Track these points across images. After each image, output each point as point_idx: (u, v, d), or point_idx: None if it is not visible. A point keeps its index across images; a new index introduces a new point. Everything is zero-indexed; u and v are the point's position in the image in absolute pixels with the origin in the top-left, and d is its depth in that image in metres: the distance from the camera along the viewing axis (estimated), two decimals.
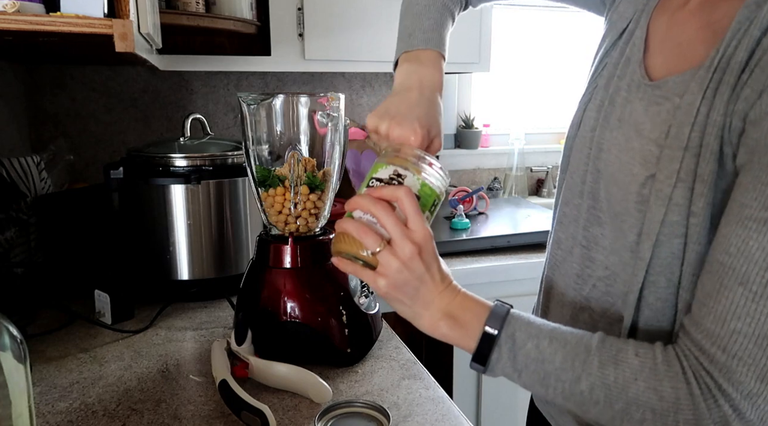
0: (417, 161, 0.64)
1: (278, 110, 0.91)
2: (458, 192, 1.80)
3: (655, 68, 0.65)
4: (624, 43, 0.70)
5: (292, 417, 0.77)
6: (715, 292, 0.52)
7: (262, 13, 1.55)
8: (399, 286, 0.60)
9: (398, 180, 0.62)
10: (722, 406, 0.51)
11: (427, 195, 0.63)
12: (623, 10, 0.72)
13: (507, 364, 0.58)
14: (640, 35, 0.67)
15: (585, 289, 0.69)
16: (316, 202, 0.93)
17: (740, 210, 0.52)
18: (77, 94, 1.70)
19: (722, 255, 0.52)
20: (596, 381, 0.55)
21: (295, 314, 0.89)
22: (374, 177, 0.64)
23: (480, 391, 1.53)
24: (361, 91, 1.99)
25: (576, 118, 0.74)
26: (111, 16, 0.76)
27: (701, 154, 0.56)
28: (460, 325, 0.61)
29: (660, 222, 0.58)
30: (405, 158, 0.64)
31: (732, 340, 0.50)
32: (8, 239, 1.13)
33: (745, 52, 0.53)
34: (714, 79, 0.55)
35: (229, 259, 1.18)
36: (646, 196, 0.60)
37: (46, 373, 0.88)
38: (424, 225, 0.60)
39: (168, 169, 1.12)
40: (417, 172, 0.63)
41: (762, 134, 0.51)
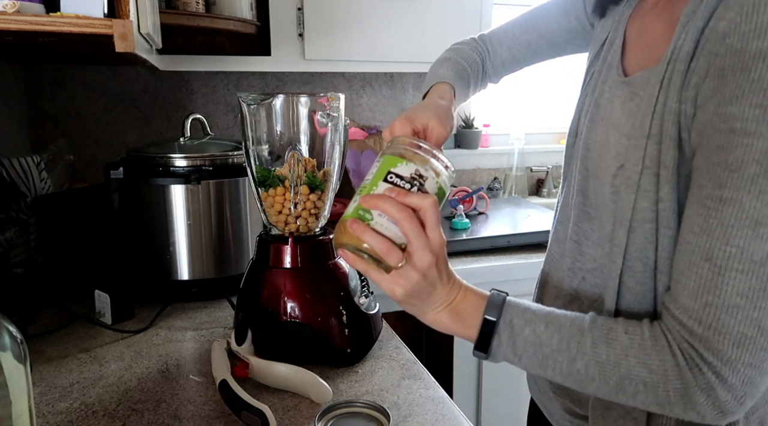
0: (437, 162, 0.62)
1: (278, 110, 0.91)
2: (458, 192, 1.80)
3: (630, 67, 0.69)
4: (605, 52, 0.74)
5: (292, 417, 0.77)
6: (686, 269, 0.56)
7: (262, 13, 1.55)
8: (415, 293, 0.61)
9: (420, 181, 0.60)
10: (706, 373, 0.54)
11: (441, 198, 0.62)
12: (603, 24, 0.78)
13: (507, 349, 0.61)
14: (618, 41, 0.72)
15: (575, 281, 0.73)
16: (316, 202, 0.93)
17: (699, 191, 0.55)
18: (77, 94, 1.70)
19: (688, 234, 0.56)
20: (590, 360, 0.58)
21: (295, 314, 0.89)
22: (393, 172, 0.60)
23: (480, 391, 1.53)
24: (361, 91, 1.99)
25: (572, 126, 0.78)
26: (111, 16, 0.76)
27: (662, 141, 0.59)
28: (461, 318, 0.63)
29: (631, 209, 0.61)
30: (426, 158, 0.61)
31: (705, 312, 0.54)
32: (8, 239, 1.13)
33: (691, 41, 0.57)
34: (668, 69, 0.59)
35: (229, 259, 1.18)
36: (618, 186, 0.64)
37: (46, 373, 0.88)
38: (442, 234, 0.60)
39: (168, 169, 1.12)
40: (436, 175, 0.61)
41: (708, 116, 0.55)
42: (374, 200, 0.59)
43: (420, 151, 0.61)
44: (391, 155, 0.62)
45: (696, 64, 0.56)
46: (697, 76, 0.56)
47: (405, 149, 0.62)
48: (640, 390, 0.57)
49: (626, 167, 0.62)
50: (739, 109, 0.52)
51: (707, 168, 0.54)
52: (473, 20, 1.72)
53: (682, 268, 0.56)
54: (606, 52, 0.74)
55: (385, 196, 0.59)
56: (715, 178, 0.53)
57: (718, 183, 0.53)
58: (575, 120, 0.78)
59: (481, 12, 1.73)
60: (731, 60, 0.53)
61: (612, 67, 0.71)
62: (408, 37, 1.67)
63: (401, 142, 0.63)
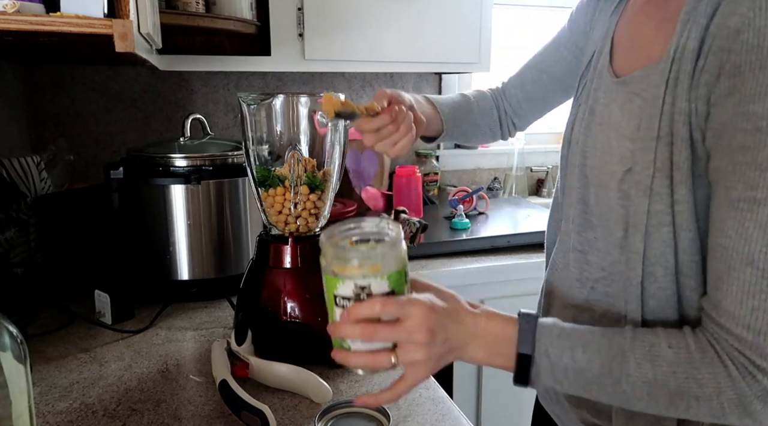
0: (368, 256, 0.56)
1: (278, 110, 0.91)
2: (458, 192, 1.80)
3: (621, 69, 0.68)
4: (595, 61, 0.74)
5: (292, 417, 0.77)
6: (726, 275, 0.54)
7: (262, 13, 1.55)
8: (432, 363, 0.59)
9: (364, 291, 0.56)
10: (761, 381, 0.52)
11: (398, 279, 0.58)
12: (593, 37, 0.78)
13: (547, 378, 0.59)
14: (606, 47, 0.72)
15: (584, 291, 0.71)
16: (316, 202, 0.93)
17: (727, 193, 0.54)
18: (77, 94, 1.70)
19: (723, 239, 0.54)
20: (636, 381, 0.56)
21: (295, 314, 0.89)
22: (338, 295, 0.57)
23: (480, 391, 1.53)
24: (361, 91, 1.99)
25: (566, 136, 0.78)
26: (111, 16, 0.76)
27: (673, 142, 0.58)
28: (495, 352, 0.60)
29: (646, 213, 0.60)
30: (354, 267, 0.56)
31: (753, 317, 0.52)
32: (8, 239, 1.13)
33: (695, 40, 0.56)
34: (673, 69, 0.58)
35: (229, 259, 1.18)
36: (627, 191, 0.62)
37: (46, 373, 0.88)
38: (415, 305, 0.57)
39: (168, 169, 1.12)
40: (376, 271, 0.56)
41: (728, 116, 0.53)
42: (338, 331, 0.58)
43: (348, 263, 0.56)
44: (327, 275, 0.58)
45: (704, 62, 0.55)
46: (707, 74, 0.55)
47: (336, 265, 0.57)
48: (692, 405, 0.55)
49: (635, 171, 0.61)
50: (763, 108, 0.50)
51: (734, 169, 0.53)
52: (473, 20, 1.72)
53: (720, 274, 0.55)
54: (596, 61, 0.74)
55: (343, 322, 0.57)
56: (745, 179, 0.52)
57: (749, 184, 0.52)
58: (568, 130, 0.77)
59: (481, 12, 1.73)
60: (748, 57, 0.51)
61: (602, 72, 0.70)
62: (408, 37, 1.66)
63: (326, 253, 0.58)
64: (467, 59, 1.75)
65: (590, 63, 0.75)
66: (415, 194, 1.80)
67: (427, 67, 1.76)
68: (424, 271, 1.41)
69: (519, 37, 2.22)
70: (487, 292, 1.48)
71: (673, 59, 0.58)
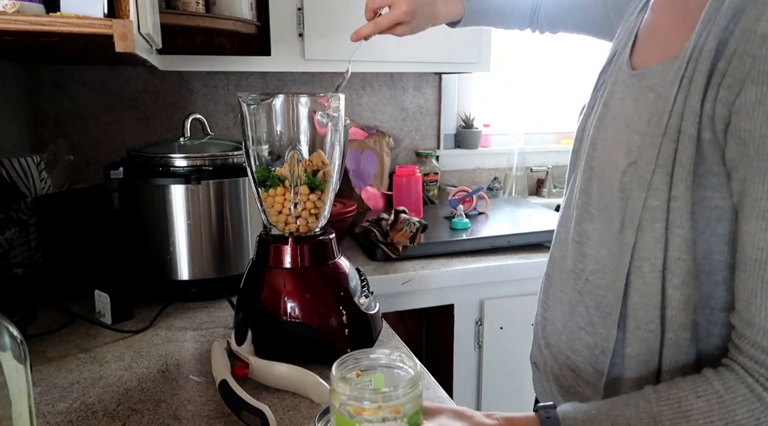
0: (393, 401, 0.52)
1: (278, 110, 0.91)
2: (458, 192, 1.80)
3: (640, 62, 0.68)
4: (618, 56, 0.74)
5: (292, 417, 0.77)
6: (759, 289, 0.53)
7: (262, 13, 1.55)
8: None
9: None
10: None
11: (417, 419, 0.54)
12: (620, 33, 0.77)
13: None
14: (630, 42, 0.72)
15: (579, 283, 0.72)
16: (316, 202, 0.93)
17: (755, 203, 0.53)
18: (77, 94, 1.70)
19: (754, 251, 0.53)
20: None
21: (295, 314, 0.89)
22: None
23: (480, 391, 1.53)
24: (361, 91, 1.99)
25: (579, 129, 0.78)
26: (111, 17, 0.76)
27: (680, 139, 0.58)
28: None
29: (641, 207, 0.60)
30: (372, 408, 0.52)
31: None
32: (8, 239, 1.13)
33: (714, 40, 0.56)
34: (689, 67, 0.58)
35: (229, 259, 1.18)
36: (628, 184, 0.63)
37: (46, 373, 0.88)
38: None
39: (168, 169, 1.12)
40: (397, 413, 0.52)
41: (755, 125, 0.52)
42: None
43: (366, 405, 0.51)
44: (339, 414, 0.53)
45: (726, 65, 0.54)
46: (731, 77, 0.54)
47: (348, 404, 0.52)
48: None
49: (639, 165, 0.61)
50: None
51: (762, 179, 0.52)
52: None
53: (753, 288, 0.53)
54: (618, 57, 0.73)
55: None
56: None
57: None
58: (582, 123, 0.77)
59: None
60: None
61: (622, 65, 0.70)
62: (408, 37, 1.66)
63: (340, 391, 0.54)
64: (467, 59, 1.75)
65: (612, 59, 0.75)
66: (415, 194, 1.80)
67: (427, 67, 1.76)
68: (424, 271, 1.41)
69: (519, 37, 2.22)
70: (487, 292, 1.48)
71: (689, 58, 0.58)
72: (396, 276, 1.39)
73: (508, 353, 1.51)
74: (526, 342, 0.88)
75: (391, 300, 1.40)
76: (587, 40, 1.02)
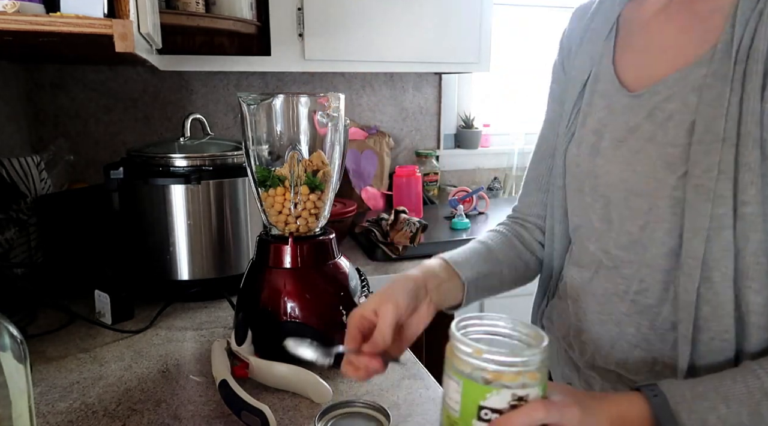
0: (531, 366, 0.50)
1: (278, 110, 0.91)
2: (458, 192, 1.80)
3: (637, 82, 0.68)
4: (591, 84, 0.73)
5: (292, 417, 0.77)
6: None
7: (262, 13, 1.55)
8: None
9: (520, 404, 0.50)
10: None
11: (545, 386, 0.52)
12: (580, 62, 0.76)
13: None
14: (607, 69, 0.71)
15: (622, 305, 0.69)
16: (316, 202, 0.93)
17: None
18: (77, 94, 1.70)
19: None
20: None
21: (295, 314, 0.89)
22: (487, 407, 0.50)
23: None
24: (361, 91, 1.99)
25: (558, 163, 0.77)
26: (111, 17, 0.76)
27: (741, 143, 0.57)
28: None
29: (709, 216, 0.58)
30: (515, 372, 0.49)
31: None
32: (8, 239, 1.13)
33: (765, 40, 0.55)
34: (737, 70, 0.57)
35: (229, 259, 1.18)
36: (680, 197, 0.61)
37: (46, 373, 0.88)
38: (571, 409, 0.53)
39: (168, 169, 1.12)
40: (535, 379, 0.50)
41: None
42: None
43: (504, 365, 0.49)
44: (470, 380, 0.50)
45: None
46: None
47: (486, 369, 0.50)
48: None
49: (694, 174, 0.59)
50: None
51: None
52: (473, 20, 1.72)
53: None
54: (591, 85, 0.73)
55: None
56: None
57: None
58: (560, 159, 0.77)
59: (481, 12, 1.73)
60: None
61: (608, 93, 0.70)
62: (408, 37, 1.67)
63: (475, 356, 0.50)
64: (467, 59, 1.75)
65: (582, 91, 0.75)
66: (415, 194, 1.80)
67: (427, 67, 1.76)
68: None
69: (519, 37, 2.22)
70: None
71: (735, 59, 0.57)
72: (396, 276, 1.39)
73: None
74: None
75: None
76: None
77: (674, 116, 0.62)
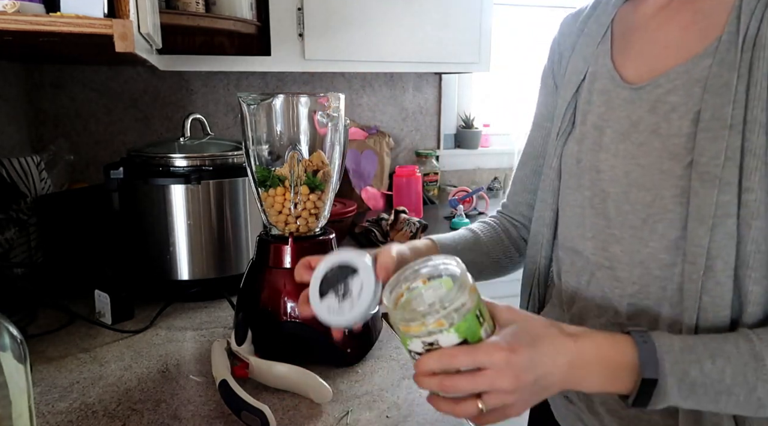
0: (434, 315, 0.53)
1: (278, 110, 0.91)
2: (458, 192, 1.80)
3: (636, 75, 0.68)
4: (589, 84, 0.74)
5: (292, 417, 0.77)
6: None
7: (262, 13, 1.55)
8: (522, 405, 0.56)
9: (433, 346, 0.54)
10: None
11: (468, 327, 0.54)
12: (573, 66, 0.77)
13: (672, 397, 0.56)
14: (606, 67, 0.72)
15: (622, 306, 0.69)
16: (316, 202, 0.93)
17: None
18: (77, 94, 1.70)
19: None
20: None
21: (295, 314, 0.89)
22: (411, 350, 0.56)
23: None
24: (361, 91, 1.99)
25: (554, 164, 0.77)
26: (111, 17, 0.76)
27: (747, 129, 0.57)
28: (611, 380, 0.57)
29: (714, 204, 0.58)
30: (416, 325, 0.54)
31: None
32: (8, 239, 1.13)
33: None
34: (744, 58, 0.58)
35: (229, 259, 1.18)
36: (685, 186, 0.61)
37: (46, 373, 0.88)
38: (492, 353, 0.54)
39: (168, 170, 1.12)
40: (441, 326, 0.54)
41: None
42: (417, 382, 0.56)
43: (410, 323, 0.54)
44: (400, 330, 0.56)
45: None
46: None
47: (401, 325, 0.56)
48: None
49: (700, 162, 0.59)
50: None
51: None
52: (473, 20, 1.72)
53: None
54: (589, 84, 0.73)
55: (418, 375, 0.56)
56: None
57: None
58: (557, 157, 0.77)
59: (481, 12, 1.73)
60: None
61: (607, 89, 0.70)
62: (408, 37, 1.67)
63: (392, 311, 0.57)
64: (467, 59, 1.75)
65: (579, 89, 0.75)
66: (415, 194, 1.80)
67: (427, 67, 1.76)
68: None
69: (519, 37, 2.22)
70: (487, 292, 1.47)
71: (742, 48, 0.58)
72: None
73: None
74: None
75: None
76: None
77: (678, 108, 0.62)
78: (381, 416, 0.77)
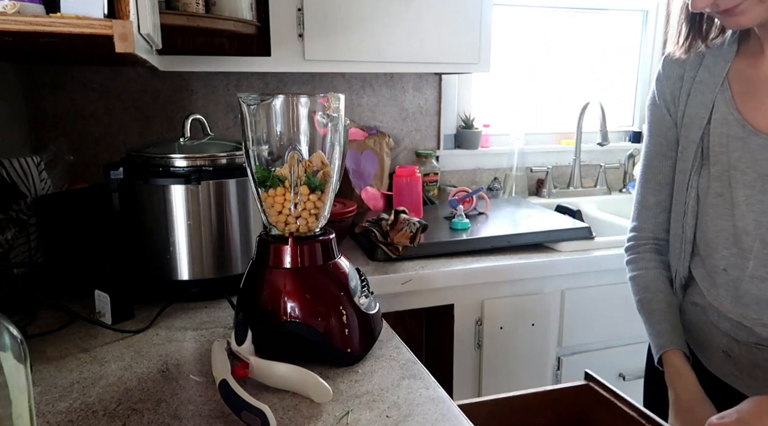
0: None
1: (278, 111, 0.91)
2: (458, 192, 1.80)
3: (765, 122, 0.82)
4: (716, 128, 0.85)
5: (292, 417, 0.77)
6: None
7: (262, 13, 1.55)
8: None
9: None
10: None
11: None
12: (694, 110, 0.89)
13: None
14: (733, 114, 0.84)
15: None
16: (316, 203, 0.93)
17: None
18: (77, 94, 1.70)
19: None
20: None
21: (295, 314, 0.89)
22: None
23: (480, 391, 1.53)
24: (361, 92, 1.99)
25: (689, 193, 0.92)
26: (111, 17, 0.76)
27: None
28: None
29: None
30: None
31: None
32: (8, 239, 1.13)
33: None
34: None
35: (229, 259, 1.18)
36: None
37: (46, 373, 0.89)
38: None
39: (168, 170, 1.12)
40: None
41: None
42: None
43: None
44: None
45: None
46: None
47: None
48: None
49: None
50: None
51: None
52: (473, 20, 1.72)
53: None
54: (717, 127, 0.86)
55: None
56: None
57: None
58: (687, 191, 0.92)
59: (481, 12, 1.73)
60: None
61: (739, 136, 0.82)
62: (408, 37, 1.67)
63: None
64: (467, 59, 1.75)
65: (703, 132, 0.87)
66: (415, 194, 1.80)
67: (427, 67, 1.76)
68: (424, 271, 1.41)
69: (519, 38, 2.22)
70: (487, 292, 1.48)
71: None
72: (396, 276, 1.40)
73: (508, 353, 1.51)
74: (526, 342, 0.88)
75: (391, 300, 1.40)
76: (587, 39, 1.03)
77: None
78: (381, 416, 0.77)
